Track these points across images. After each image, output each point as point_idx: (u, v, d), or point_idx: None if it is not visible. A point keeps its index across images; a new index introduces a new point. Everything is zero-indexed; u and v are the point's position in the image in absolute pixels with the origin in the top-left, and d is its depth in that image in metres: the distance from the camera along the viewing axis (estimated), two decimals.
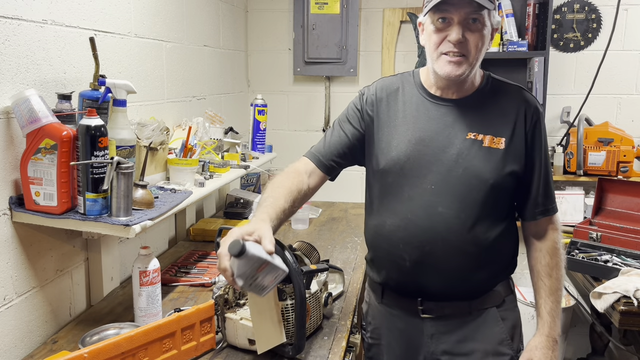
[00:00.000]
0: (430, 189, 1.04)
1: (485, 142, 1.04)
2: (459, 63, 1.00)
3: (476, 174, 1.03)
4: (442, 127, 1.05)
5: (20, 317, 1.03)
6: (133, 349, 0.88)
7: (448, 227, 1.03)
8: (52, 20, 1.08)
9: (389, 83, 1.14)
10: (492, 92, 1.08)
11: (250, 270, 0.82)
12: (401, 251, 1.06)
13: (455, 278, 1.06)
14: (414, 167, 1.05)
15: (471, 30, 0.99)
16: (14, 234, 1.00)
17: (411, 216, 1.04)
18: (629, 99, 2.25)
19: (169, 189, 1.27)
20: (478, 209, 1.03)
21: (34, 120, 0.96)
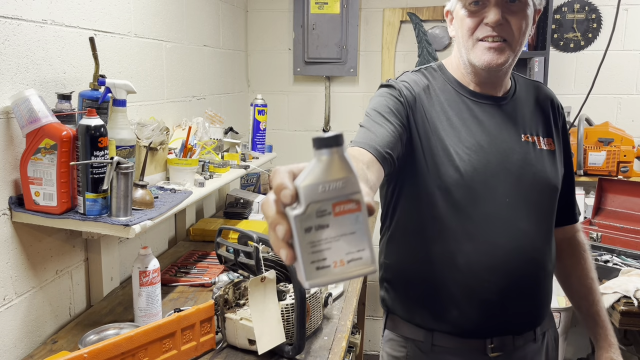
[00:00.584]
0: (506, 203, 0.88)
1: (540, 144, 0.92)
2: (500, 49, 0.84)
3: (545, 179, 0.91)
4: (495, 130, 0.90)
5: (20, 317, 1.03)
6: (133, 349, 0.88)
7: (533, 245, 0.89)
8: (52, 20, 1.08)
9: (417, 80, 0.93)
10: (523, 88, 0.97)
11: (326, 193, 0.40)
12: (486, 282, 0.87)
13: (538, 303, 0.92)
14: (483, 179, 0.87)
15: (512, 11, 0.84)
16: (13, 234, 1.00)
17: (494, 238, 0.87)
18: (629, 98, 2.25)
19: (168, 189, 1.27)
20: (551, 219, 0.92)
21: (33, 120, 0.96)
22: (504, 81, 0.93)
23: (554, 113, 0.98)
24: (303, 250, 0.39)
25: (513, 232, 0.88)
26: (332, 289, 1.28)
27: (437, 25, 2.27)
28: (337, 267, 0.40)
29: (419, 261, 0.92)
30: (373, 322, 2.50)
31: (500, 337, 0.91)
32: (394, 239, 0.97)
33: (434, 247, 0.89)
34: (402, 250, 0.95)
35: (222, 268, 1.40)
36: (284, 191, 0.39)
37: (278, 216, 0.39)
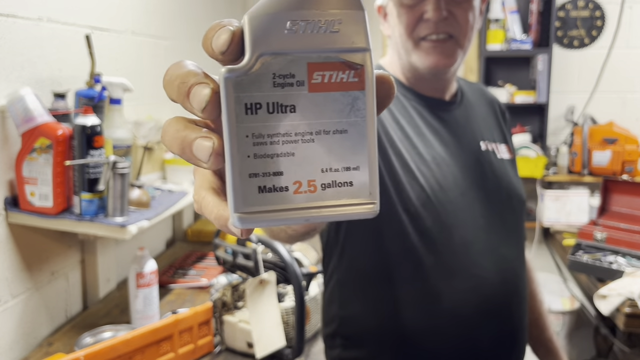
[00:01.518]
0: (483, 225, 0.72)
1: (499, 152, 0.80)
2: (446, 48, 0.71)
3: (514, 192, 0.78)
4: (453, 139, 0.76)
5: (15, 319, 1.01)
6: (129, 351, 0.87)
7: (516, 274, 0.74)
8: (48, 18, 1.06)
9: None
10: (469, 91, 0.84)
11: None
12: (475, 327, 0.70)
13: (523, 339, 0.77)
14: (452, 198, 0.71)
15: (456, 2, 0.71)
16: (8, 235, 0.99)
17: (478, 271, 0.70)
18: (634, 97, 2.22)
19: (165, 189, 1.26)
20: (524, 239, 0.80)
21: (29, 119, 0.94)
22: (451, 82, 0.79)
23: (502, 117, 0.86)
24: (238, 148, 0.22)
25: (495, 261, 0.72)
26: None
27: None
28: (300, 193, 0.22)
29: (386, 310, 0.71)
30: None
31: None
32: (347, 284, 0.76)
33: (407, 290, 0.70)
34: (362, 297, 0.74)
35: (220, 269, 1.38)
36: (218, 31, 0.23)
37: (199, 73, 0.24)
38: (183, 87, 0.24)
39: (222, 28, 0.23)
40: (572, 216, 2.04)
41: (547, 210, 2.05)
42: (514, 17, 2.13)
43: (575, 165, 2.12)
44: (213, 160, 0.23)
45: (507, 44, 2.13)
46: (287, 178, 0.22)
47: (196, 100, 0.23)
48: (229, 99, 0.21)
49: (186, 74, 0.24)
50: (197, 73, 0.24)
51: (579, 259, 1.65)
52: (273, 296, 0.97)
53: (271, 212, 0.21)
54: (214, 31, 0.23)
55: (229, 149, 0.22)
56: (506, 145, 0.82)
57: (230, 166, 0.22)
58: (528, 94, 2.15)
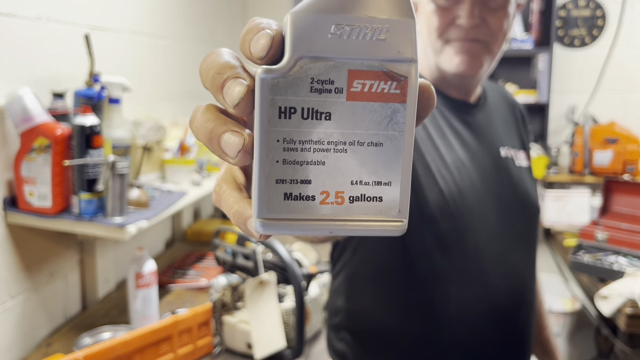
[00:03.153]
0: (496, 233, 0.71)
1: (517, 160, 0.78)
2: (475, 54, 0.68)
3: (530, 202, 0.76)
4: (474, 143, 0.74)
5: (13, 320, 1.01)
6: (129, 352, 0.87)
7: (524, 283, 0.73)
8: (47, 17, 1.05)
9: None
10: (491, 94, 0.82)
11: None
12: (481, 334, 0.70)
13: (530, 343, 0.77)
14: (469, 204, 0.70)
15: (491, 8, 0.68)
16: (7, 235, 0.99)
17: (485, 277, 0.70)
18: (636, 96, 2.22)
19: (165, 189, 1.25)
20: (536, 249, 0.78)
21: (27, 119, 0.94)
22: (478, 86, 0.77)
23: (522, 123, 0.83)
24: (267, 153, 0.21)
25: (505, 269, 0.71)
26: None
27: None
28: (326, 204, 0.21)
29: (395, 309, 0.71)
30: None
31: None
32: (358, 279, 0.75)
33: (416, 291, 0.70)
34: (372, 294, 0.74)
35: (219, 270, 1.38)
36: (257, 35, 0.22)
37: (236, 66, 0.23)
38: (218, 78, 0.23)
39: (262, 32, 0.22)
40: (573, 216, 2.03)
41: (548, 210, 2.05)
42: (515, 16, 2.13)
43: (577, 165, 2.11)
44: (241, 157, 0.22)
45: (508, 43, 2.12)
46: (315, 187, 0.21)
47: (229, 95, 0.22)
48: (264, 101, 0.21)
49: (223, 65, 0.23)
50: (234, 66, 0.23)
51: (580, 259, 1.65)
52: (273, 297, 0.96)
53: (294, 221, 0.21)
54: (252, 34, 0.22)
55: (258, 153, 0.21)
56: (524, 152, 0.80)
57: (257, 170, 0.21)
58: (529, 93, 2.14)
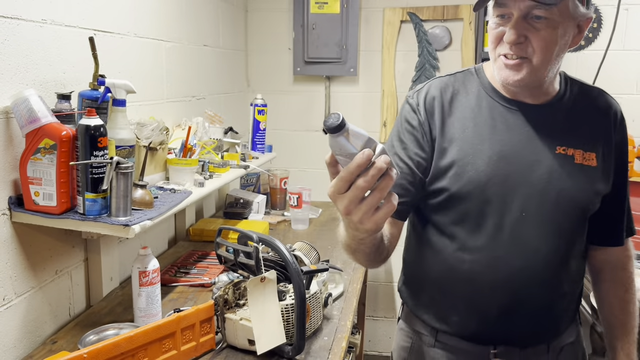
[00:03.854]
0: (522, 217, 0.84)
1: (578, 159, 0.86)
2: (517, 67, 0.81)
3: (572, 197, 0.85)
4: (526, 138, 0.86)
5: (19, 318, 1.03)
6: (132, 349, 0.88)
7: (546, 266, 0.85)
8: (52, 20, 1.07)
9: (448, 84, 0.92)
10: (575, 97, 0.91)
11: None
12: (488, 298, 0.86)
13: (548, 322, 0.90)
14: (500, 190, 0.84)
15: (535, 28, 0.79)
16: (13, 234, 1.00)
17: (502, 253, 0.84)
18: (630, 98, 2.24)
19: (168, 189, 1.27)
20: (573, 240, 0.87)
21: (33, 120, 0.96)
22: (541, 89, 0.88)
23: (611, 125, 0.91)
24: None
25: (522, 250, 0.84)
26: (332, 289, 1.28)
27: (437, 25, 2.27)
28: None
29: (429, 263, 0.93)
30: (373, 322, 2.50)
31: (505, 346, 0.90)
32: (413, 235, 0.98)
33: (444, 252, 0.90)
34: (418, 249, 0.96)
35: (222, 268, 1.40)
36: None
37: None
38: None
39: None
40: None
41: None
42: None
43: None
44: None
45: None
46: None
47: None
48: None
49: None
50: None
51: None
52: (274, 294, 0.98)
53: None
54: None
55: None
56: (591, 154, 0.87)
57: None
58: None
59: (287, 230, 1.85)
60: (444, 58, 2.28)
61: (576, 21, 0.83)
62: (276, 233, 1.81)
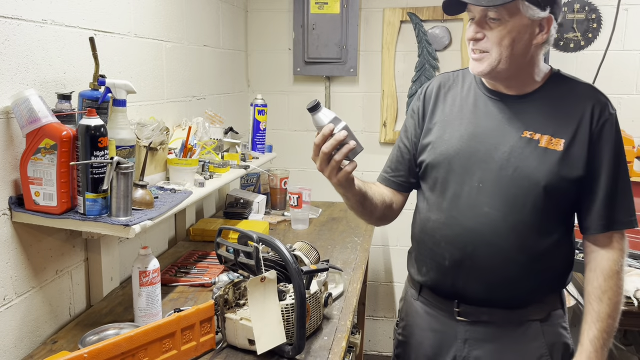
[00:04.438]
0: (478, 187, 0.99)
1: (542, 142, 0.97)
2: (479, 60, 0.97)
3: (527, 175, 0.97)
4: (497, 123, 1.01)
5: (19, 317, 1.03)
6: (133, 349, 0.88)
7: (494, 230, 0.98)
8: (52, 20, 1.08)
9: (447, 77, 1.11)
10: (557, 90, 1.01)
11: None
12: (442, 249, 1.03)
13: (496, 284, 1.01)
14: (463, 163, 1.01)
15: (490, 27, 0.95)
16: (13, 234, 1.00)
17: (455, 214, 1.01)
18: (629, 98, 2.25)
19: (168, 189, 1.27)
20: (528, 213, 0.97)
21: (33, 120, 0.96)
22: (518, 82, 1.01)
23: (589, 118, 0.98)
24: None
25: (474, 213, 1.00)
26: (332, 289, 1.28)
27: (437, 25, 2.27)
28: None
29: (415, 224, 1.13)
30: (373, 322, 2.50)
31: (465, 305, 1.04)
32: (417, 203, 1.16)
33: (421, 213, 1.10)
34: (414, 214, 1.15)
35: (222, 268, 1.40)
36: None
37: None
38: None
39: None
40: None
41: None
42: None
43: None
44: None
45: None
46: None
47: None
48: None
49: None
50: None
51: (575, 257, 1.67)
52: (274, 294, 0.98)
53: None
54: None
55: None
56: (559, 139, 0.97)
57: None
58: None
59: (287, 230, 1.85)
60: (444, 58, 2.28)
61: (533, 21, 0.95)
62: (276, 233, 1.81)
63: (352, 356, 1.68)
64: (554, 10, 0.95)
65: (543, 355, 1.03)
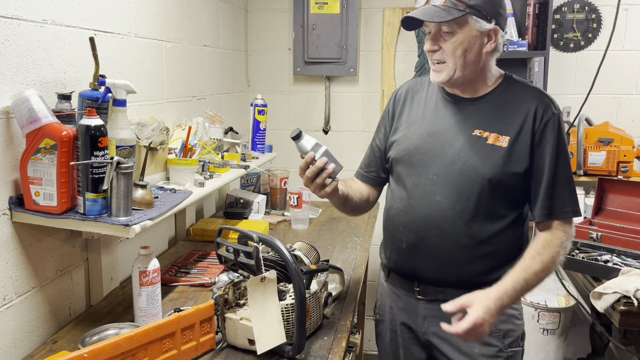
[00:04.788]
0: (432, 179, 1.12)
1: (490, 140, 1.09)
2: (438, 71, 1.09)
3: (474, 168, 1.09)
4: (452, 123, 1.13)
5: (20, 317, 1.03)
6: (133, 349, 0.88)
7: (443, 216, 1.10)
8: (52, 20, 1.08)
9: (416, 82, 1.25)
10: (507, 93, 1.12)
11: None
12: (400, 234, 1.16)
13: (447, 266, 1.12)
14: (421, 158, 1.14)
15: (444, 40, 1.07)
16: (13, 234, 1.00)
17: (412, 202, 1.14)
18: (629, 98, 2.25)
19: (168, 189, 1.27)
20: (474, 203, 1.09)
21: (33, 120, 0.96)
22: (472, 87, 1.13)
23: (535, 117, 1.08)
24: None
25: (428, 202, 1.12)
26: (332, 289, 1.28)
27: None
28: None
29: (383, 215, 1.26)
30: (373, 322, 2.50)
31: (424, 285, 1.17)
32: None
33: (387, 202, 1.24)
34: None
35: (222, 268, 1.40)
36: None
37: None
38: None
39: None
40: None
41: None
42: (511, 20, 2.16)
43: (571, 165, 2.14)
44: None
45: (503, 46, 2.15)
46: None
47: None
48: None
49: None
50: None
51: (574, 257, 1.67)
52: (274, 294, 0.98)
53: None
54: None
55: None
56: (505, 137, 1.09)
57: None
58: None
59: (287, 230, 1.85)
60: None
61: (482, 32, 1.07)
62: (276, 233, 1.81)
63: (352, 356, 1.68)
64: (499, 22, 1.07)
65: (493, 332, 1.13)
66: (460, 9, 1.03)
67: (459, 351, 1.15)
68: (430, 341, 1.19)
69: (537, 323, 2.06)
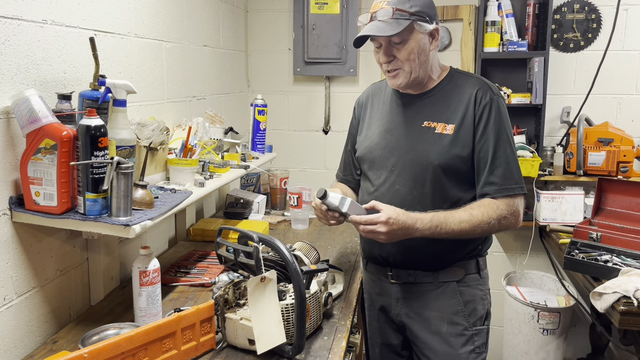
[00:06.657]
0: (391, 170, 1.23)
1: (438, 129, 1.19)
2: (395, 75, 1.20)
3: (425, 156, 1.19)
4: (404, 118, 1.25)
5: (20, 317, 1.03)
6: (133, 349, 0.88)
7: (403, 202, 1.18)
8: (52, 20, 1.08)
9: (376, 87, 1.37)
10: (451, 84, 1.23)
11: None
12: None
13: (411, 249, 1.21)
14: (381, 153, 1.25)
15: (397, 49, 1.17)
16: (14, 234, 1.01)
17: (377, 194, 1.25)
18: (629, 99, 2.25)
19: (169, 189, 1.27)
20: (428, 187, 1.19)
21: (34, 120, 0.96)
22: (421, 85, 1.23)
23: (472, 105, 1.19)
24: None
25: (390, 191, 1.23)
26: (332, 289, 1.28)
27: None
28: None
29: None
30: None
31: (396, 269, 1.26)
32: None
33: (360, 196, 1.34)
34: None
35: (222, 268, 1.40)
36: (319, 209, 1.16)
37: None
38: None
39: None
40: (568, 216, 2.06)
41: (543, 210, 2.08)
42: (510, 20, 2.16)
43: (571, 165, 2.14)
44: None
45: (503, 46, 2.15)
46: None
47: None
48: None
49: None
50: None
51: (574, 257, 1.67)
52: (274, 294, 0.98)
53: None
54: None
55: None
56: (451, 125, 1.19)
57: None
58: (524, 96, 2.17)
59: (287, 230, 1.85)
60: (444, 58, 2.28)
61: (427, 33, 1.17)
62: (276, 233, 1.81)
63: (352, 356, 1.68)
64: (437, 21, 1.19)
65: (459, 312, 1.23)
66: (406, 18, 1.13)
67: (428, 330, 1.24)
68: (403, 322, 1.28)
69: (537, 323, 2.06)
